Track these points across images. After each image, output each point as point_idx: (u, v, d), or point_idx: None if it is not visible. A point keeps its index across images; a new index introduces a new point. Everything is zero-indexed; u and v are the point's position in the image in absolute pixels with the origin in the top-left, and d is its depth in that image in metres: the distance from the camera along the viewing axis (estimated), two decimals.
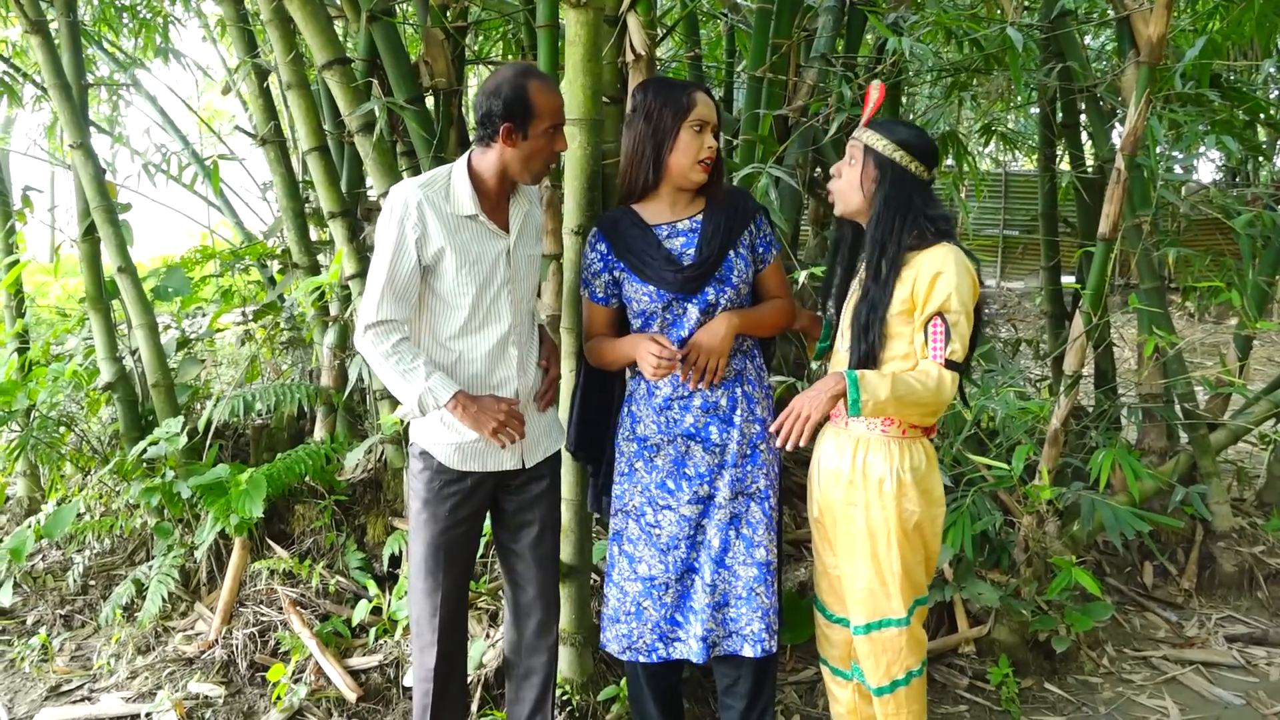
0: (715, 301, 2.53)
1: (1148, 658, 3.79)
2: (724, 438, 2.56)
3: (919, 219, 2.44)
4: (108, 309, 4.43)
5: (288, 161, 4.57)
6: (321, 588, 3.72)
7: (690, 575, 2.59)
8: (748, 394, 2.59)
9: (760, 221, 2.63)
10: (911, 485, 2.46)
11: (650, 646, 2.60)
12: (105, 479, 4.25)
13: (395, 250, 2.35)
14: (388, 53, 3.82)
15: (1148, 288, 4.30)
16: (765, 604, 2.54)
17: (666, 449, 2.59)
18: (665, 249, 2.54)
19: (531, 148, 2.38)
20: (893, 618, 2.51)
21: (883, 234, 2.43)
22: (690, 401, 2.56)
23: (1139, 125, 3.39)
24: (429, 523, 2.55)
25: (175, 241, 5.53)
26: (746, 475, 2.57)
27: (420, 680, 2.63)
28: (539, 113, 2.34)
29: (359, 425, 4.33)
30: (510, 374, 2.52)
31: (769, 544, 2.56)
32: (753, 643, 2.54)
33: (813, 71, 4.00)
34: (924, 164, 2.47)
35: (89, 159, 4.21)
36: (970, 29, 4.37)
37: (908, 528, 2.47)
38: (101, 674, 3.55)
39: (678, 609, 2.60)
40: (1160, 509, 4.24)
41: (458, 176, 2.43)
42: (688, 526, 2.57)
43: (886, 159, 2.45)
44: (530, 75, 2.36)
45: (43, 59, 4.18)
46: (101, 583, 4.11)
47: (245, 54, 4.55)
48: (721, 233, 2.54)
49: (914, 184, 2.46)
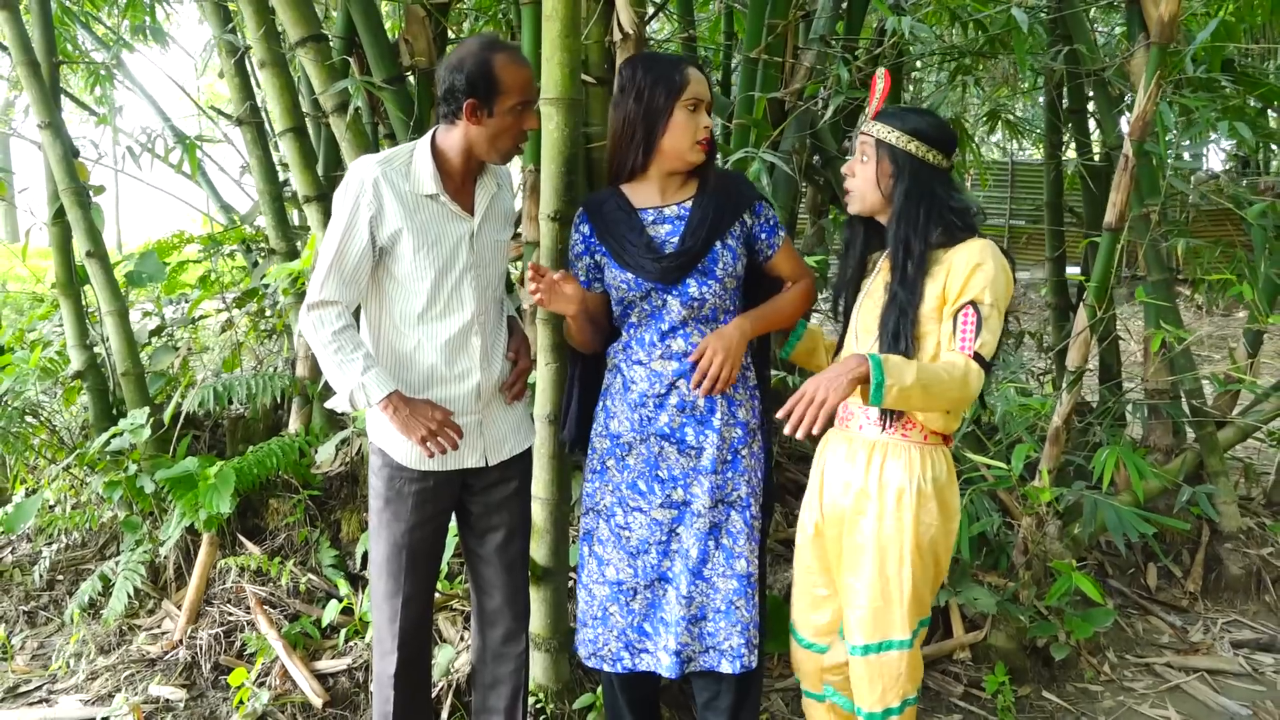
0: (699, 295, 2.37)
1: (1150, 665, 3.66)
2: (700, 440, 2.41)
3: (944, 212, 2.27)
4: (78, 295, 4.29)
5: (265, 143, 4.43)
6: (292, 586, 3.59)
7: (662, 584, 2.44)
8: (728, 395, 2.42)
9: (759, 208, 2.46)
10: (932, 497, 2.29)
11: (615, 655, 2.46)
12: (75, 471, 4.12)
13: (346, 228, 2.22)
14: (366, 30, 3.67)
15: (1155, 280, 4.16)
16: (745, 618, 2.39)
17: (639, 448, 2.44)
18: (648, 235, 2.39)
19: (498, 125, 2.24)
20: (895, 639, 2.34)
21: (907, 232, 2.26)
22: (666, 400, 2.41)
23: (1149, 109, 3.23)
24: (390, 523, 2.41)
25: (177, 226, 5.41)
26: (727, 482, 2.42)
27: (380, 688, 2.50)
28: (505, 88, 2.20)
29: (337, 417, 4.20)
30: (473, 364, 2.37)
31: (750, 554, 2.41)
32: (731, 658, 2.39)
33: (811, 53, 3.85)
34: (942, 152, 2.31)
35: (57, 139, 4.06)
36: (975, 10, 4.23)
37: (923, 543, 2.29)
38: (61, 674, 3.42)
39: (646, 618, 2.45)
40: (1165, 509, 4.12)
41: (420, 154, 2.29)
42: (659, 531, 2.43)
43: (901, 151, 2.29)
44: (496, 48, 2.22)
45: (10, 34, 4.04)
46: (69, 577, 3.98)
47: (220, 31, 4.39)
48: (709, 222, 2.37)
49: (934, 175, 2.30)
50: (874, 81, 2.43)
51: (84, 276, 4.25)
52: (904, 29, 3.42)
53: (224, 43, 4.41)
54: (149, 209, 11.25)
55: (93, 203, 4.17)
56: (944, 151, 2.32)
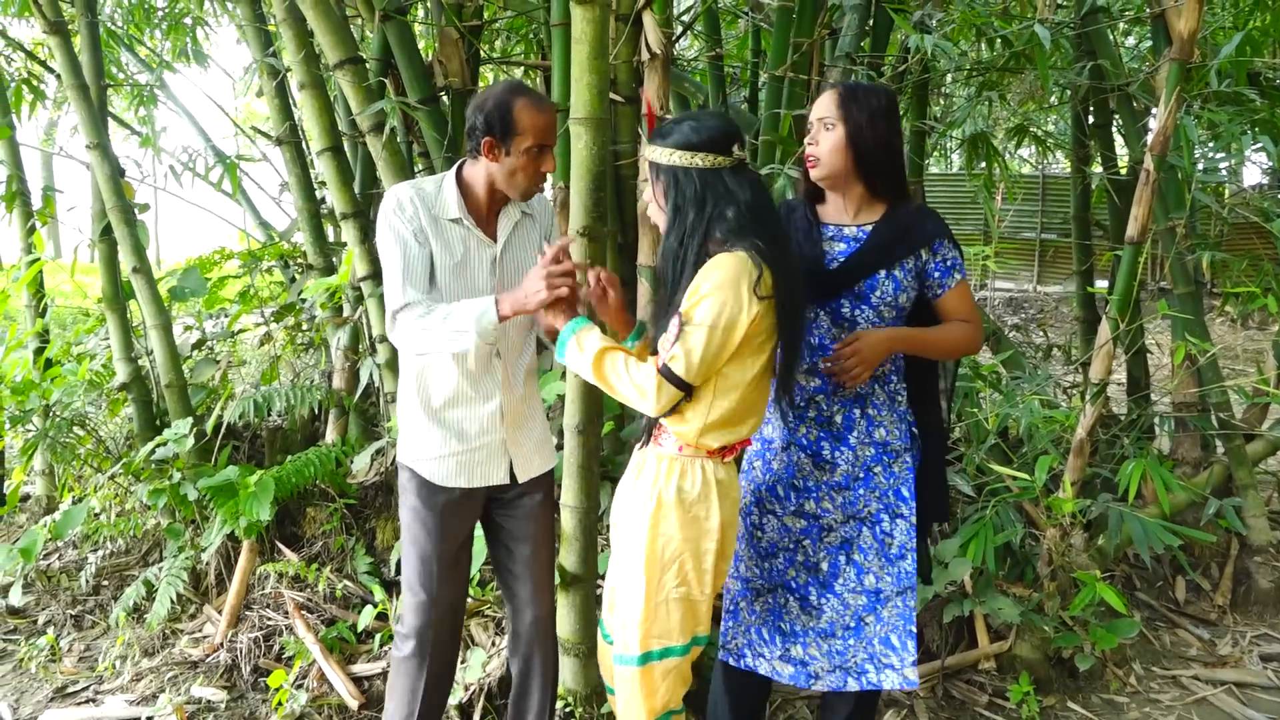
0: (849, 316, 2.40)
1: (1177, 677, 3.66)
2: (834, 456, 2.44)
3: (711, 222, 2.14)
4: (124, 309, 4.44)
5: (304, 162, 4.56)
6: (329, 592, 3.68)
7: (785, 592, 2.51)
8: (870, 416, 2.44)
9: (939, 245, 2.39)
10: (674, 507, 2.20)
11: (739, 651, 2.54)
12: (120, 479, 4.25)
13: (399, 240, 2.34)
14: (401, 52, 3.78)
15: (1181, 293, 4.17)
16: (873, 633, 2.43)
17: (782, 455, 2.50)
18: (820, 249, 2.42)
19: (514, 164, 2.34)
20: (627, 654, 2.27)
21: (674, 242, 2.17)
22: (805, 412, 2.47)
23: (1169, 124, 3.27)
24: (420, 536, 2.50)
25: (216, 242, 5.57)
26: (859, 499, 2.44)
27: (404, 692, 2.57)
28: (522, 130, 2.30)
29: (372, 428, 4.30)
30: (495, 386, 2.47)
31: (880, 570, 2.43)
32: (857, 675, 2.44)
33: (836, 71, 3.92)
34: (712, 151, 2.14)
35: (105, 158, 4.21)
36: (1000, 26, 4.27)
37: (657, 553, 2.21)
38: (107, 675, 3.53)
39: (765, 623, 2.52)
40: (1193, 522, 4.11)
41: (447, 183, 2.43)
42: (788, 538, 2.49)
43: (666, 166, 2.17)
44: (519, 93, 2.34)
45: (61, 59, 4.20)
46: (114, 583, 4.09)
47: (261, 54, 4.53)
48: (878, 250, 2.37)
49: (706, 178, 2.15)
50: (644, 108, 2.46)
51: (129, 291, 4.39)
52: (927, 47, 3.48)
53: (265, 65, 4.54)
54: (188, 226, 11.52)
55: (138, 220, 4.31)
56: (714, 150, 2.14)
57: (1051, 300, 14.39)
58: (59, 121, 12.03)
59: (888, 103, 2.36)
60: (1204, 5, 3.36)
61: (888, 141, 2.36)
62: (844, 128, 2.34)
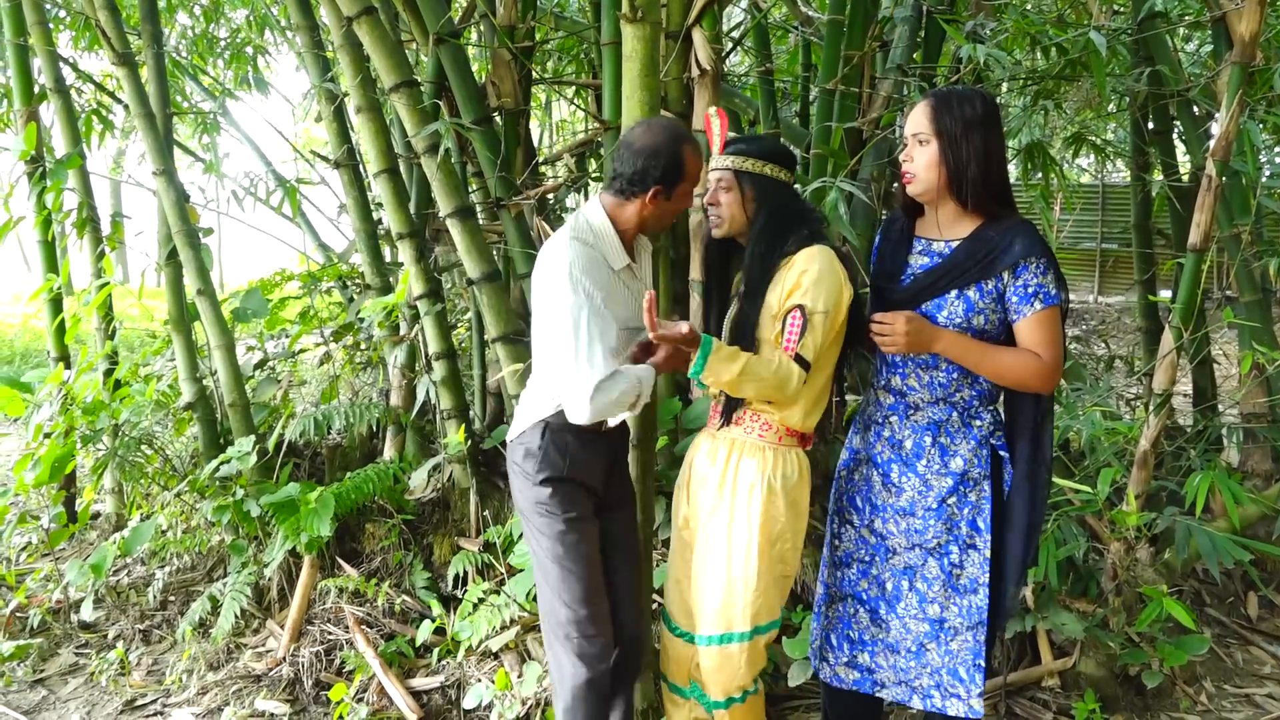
0: None
1: (1250, 695, 3.55)
2: (901, 481, 2.43)
3: (794, 224, 2.41)
4: (189, 331, 4.55)
5: (361, 184, 4.64)
6: (387, 607, 3.73)
7: (855, 603, 2.55)
8: (943, 445, 2.38)
9: (1022, 269, 2.23)
10: (781, 494, 2.43)
11: (816, 651, 2.63)
12: (185, 497, 4.35)
13: (592, 307, 2.28)
14: (455, 74, 3.83)
15: (1248, 300, 4.08)
16: (936, 662, 2.43)
17: (862, 468, 2.53)
18: (904, 261, 2.41)
19: (671, 208, 2.43)
20: (736, 631, 2.47)
21: (765, 246, 2.40)
22: (880, 431, 2.48)
23: (1231, 129, 3.20)
24: (550, 522, 2.43)
25: (277, 264, 5.69)
26: (926, 529, 2.40)
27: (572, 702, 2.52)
28: (687, 176, 2.39)
29: (429, 445, 4.35)
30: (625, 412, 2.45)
31: (946, 601, 2.40)
32: (922, 696, 2.47)
33: (888, 83, 3.90)
34: (785, 167, 2.45)
35: (171, 184, 4.33)
36: (1055, 34, 4.22)
37: (771, 536, 2.43)
38: (174, 689, 3.61)
39: (834, 629, 2.57)
40: (1265, 536, 3.99)
41: (604, 230, 2.41)
42: (864, 549, 2.52)
43: (757, 174, 2.42)
44: (685, 140, 2.40)
45: (129, 89, 4.33)
46: (181, 598, 4.19)
47: (320, 80, 4.63)
48: (952, 270, 2.29)
49: (782, 189, 2.44)
50: (708, 121, 2.56)
51: (194, 314, 4.51)
52: (979, 57, 3.45)
53: (324, 90, 4.65)
54: (250, 249, 11.77)
55: (202, 244, 4.42)
56: (787, 167, 2.45)
57: (1113, 311, 14.10)
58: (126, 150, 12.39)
59: (985, 110, 2.24)
60: (1266, 7, 3.29)
61: (985, 153, 2.24)
62: (937, 143, 2.26)
